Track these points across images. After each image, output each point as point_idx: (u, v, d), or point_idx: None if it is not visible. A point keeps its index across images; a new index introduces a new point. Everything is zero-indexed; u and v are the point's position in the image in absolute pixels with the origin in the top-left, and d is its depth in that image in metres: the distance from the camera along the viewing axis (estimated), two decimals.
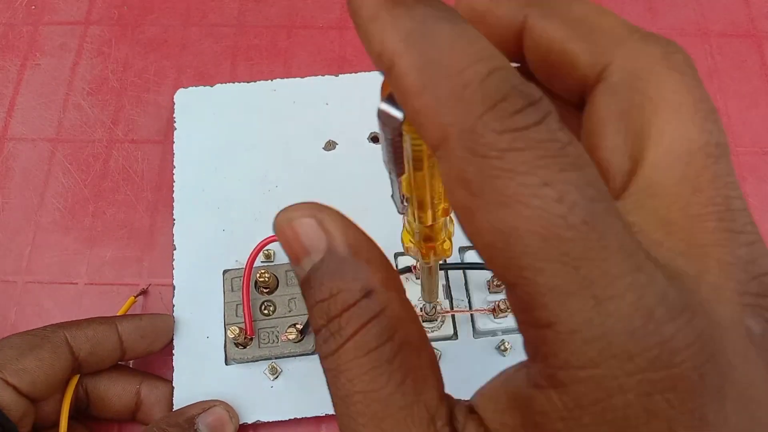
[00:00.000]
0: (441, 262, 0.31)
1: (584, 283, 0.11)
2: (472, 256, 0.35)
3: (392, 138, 0.14)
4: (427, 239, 0.20)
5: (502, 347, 0.34)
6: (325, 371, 0.14)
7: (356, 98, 0.40)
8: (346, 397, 0.13)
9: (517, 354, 0.34)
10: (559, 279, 0.11)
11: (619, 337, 0.11)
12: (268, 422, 0.33)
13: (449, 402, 0.14)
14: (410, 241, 0.21)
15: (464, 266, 0.35)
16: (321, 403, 0.33)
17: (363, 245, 0.14)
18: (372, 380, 0.13)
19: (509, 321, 0.34)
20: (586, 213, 0.11)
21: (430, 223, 0.19)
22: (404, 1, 0.12)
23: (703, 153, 0.13)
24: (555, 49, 0.15)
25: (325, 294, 0.13)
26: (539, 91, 0.12)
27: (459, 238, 0.15)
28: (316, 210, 0.14)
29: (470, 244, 0.12)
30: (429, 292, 0.29)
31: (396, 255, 0.35)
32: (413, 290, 0.33)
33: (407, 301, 0.14)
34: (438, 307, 0.33)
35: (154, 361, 0.35)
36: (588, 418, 0.11)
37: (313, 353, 0.33)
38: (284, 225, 0.14)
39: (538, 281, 0.11)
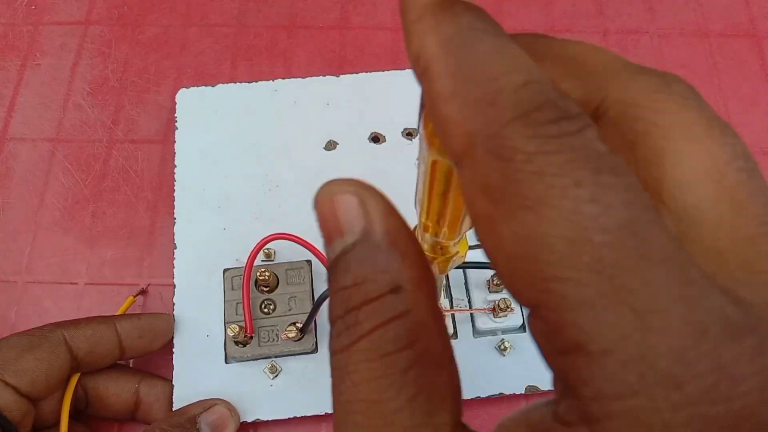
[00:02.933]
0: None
1: (620, 294, 0.09)
2: (471, 256, 0.35)
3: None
4: (432, 249, 0.20)
5: (502, 347, 0.34)
6: (333, 370, 0.12)
7: (357, 99, 0.40)
8: (347, 404, 0.12)
9: (517, 354, 0.34)
10: (590, 290, 0.09)
11: (663, 359, 0.09)
12: (268, 421, 0.33)
13: None
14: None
15: (464, 265, 0.35)
16: (321, 402, 0.33)
17: (402, 236, 0.12)
18: (379, 389, 0.11)
19: (509, 320, 0.34)
20: (623, 216, 0.09)
21: (439, 239, 0.18)
22: (452, 7, 0.11)
23: (732, 168, 0.11)
24: None
25: (348, 281, 0.12)
26: (578, 107, 0.10)
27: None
28: (360, 187, 0.13)
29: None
30: None
31: None
32: None
33: (438, 309, 0.12)
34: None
35: (154, 359, 0.35)
36: None
37: (312, 352, 0.33)
38: (324, 198, 0.13)
39: (566, 294, 0.09)
